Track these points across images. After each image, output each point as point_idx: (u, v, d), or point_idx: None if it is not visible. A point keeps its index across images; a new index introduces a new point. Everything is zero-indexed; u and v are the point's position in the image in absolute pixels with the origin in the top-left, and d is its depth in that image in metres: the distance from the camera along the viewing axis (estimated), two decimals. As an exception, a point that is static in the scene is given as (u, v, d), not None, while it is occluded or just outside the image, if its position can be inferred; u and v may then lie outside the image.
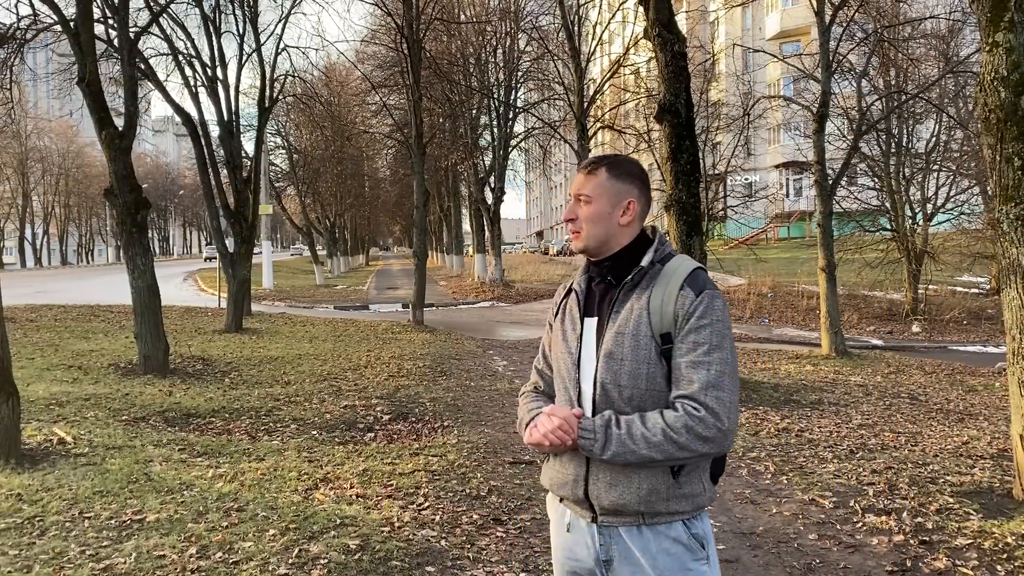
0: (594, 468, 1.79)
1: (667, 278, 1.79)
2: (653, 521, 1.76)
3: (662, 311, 1.75)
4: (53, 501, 4.38)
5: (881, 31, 13.42)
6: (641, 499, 1.74)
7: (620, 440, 1.69)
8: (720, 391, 1.69)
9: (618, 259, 1.87)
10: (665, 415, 1.69)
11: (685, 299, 1.75)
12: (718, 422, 1.67)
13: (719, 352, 1.72)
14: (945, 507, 4.59)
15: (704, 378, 1.69)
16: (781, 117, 28.66)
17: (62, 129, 59.45)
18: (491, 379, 9.63)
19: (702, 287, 1.77)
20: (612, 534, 1.79)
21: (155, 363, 9.05)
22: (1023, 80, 4.30)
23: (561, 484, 1.87)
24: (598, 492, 1.78)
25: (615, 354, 1.76)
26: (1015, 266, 4.38)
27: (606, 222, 1.85)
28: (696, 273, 1.80)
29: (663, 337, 1.75)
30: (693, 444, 1.66)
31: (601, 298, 1.87)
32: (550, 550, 3.94)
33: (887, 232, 16.94)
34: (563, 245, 53.21)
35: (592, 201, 1.85)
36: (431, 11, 16.95)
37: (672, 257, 1.85)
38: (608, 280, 1.87)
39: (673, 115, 6.89)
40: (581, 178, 1.88)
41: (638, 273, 1.81)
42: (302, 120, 31.20)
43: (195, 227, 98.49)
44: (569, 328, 1.89)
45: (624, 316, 1.79)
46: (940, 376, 10.43)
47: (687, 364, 1.71)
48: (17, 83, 15.55)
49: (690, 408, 1.68)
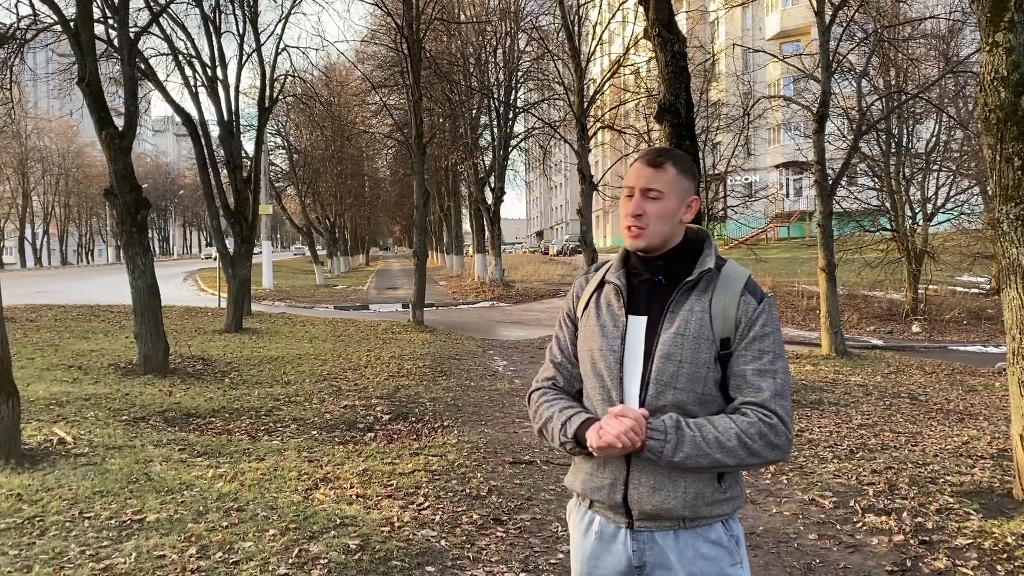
0: (635, 471, 1.74)
1: (727, 282, 1.77)
2: (693, 524, 1.74)
3: (724, 316, 1.73)
4: (53, 501, 4.38)
5: (881, 31, 13.42)
6: (687, 503, 1.72)
7: (694, 442, 1.65)
8: (785, 400, 1.70)
9: (673, 258, 1.81)
10: (737, 420, 1.67)
11: (747, 305, 1.74)
12: (788, 431, 1.68)
13: (782, 361, 1.74)
14: (945, 507, 4.59)
15: (772, 386, 1.69)
16: (781, 117, 28.66)
17: (62, 129, 59.43)
18: (491, 379, 9.63)
19: (762, 294, 1.77)
20: (647, 539, 1.75)
21: (155, 363, 9.05)
22: (1023, 80, 4.30)
23: (596, 488, 1.80)
24: (639, 496, 1.73)
25: (673, 356, 1.72)
26: (1015, 266, 4.38)
27: (672, 220, 1.79)
28: (752, 280, 1.80)
29: (723, 342, 1.73)
30: (764, 451, 1.66)
31: (648, 296, 1.80)
32: (550, 550, 3.96)
33: (887, 232, 16.93)
34: (563, 245, 53.20)
35: (662, 197, 1.78)
36: (431, 11, 16.94)
37: (725, 261, 1.82)
38: (658, 278, 1.80)
39: (673, 115, 6.89)
40: (648, 172, 1.79)
41: (700, 274, 1.77)
42: (302, 120, 31.20)
43: (195, 227, 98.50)
44: (609, 324, 1.81)
45: (683, 318, 1.74)
46: (940, 376, 10.43)
47: (754, 371, 1.71)
48: (17, 83, 15.55)
49: (763, 415, 1.67)
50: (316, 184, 35.21)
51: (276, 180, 34.91)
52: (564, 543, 4.09)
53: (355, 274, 44.65)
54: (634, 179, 1.80)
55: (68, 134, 61.77)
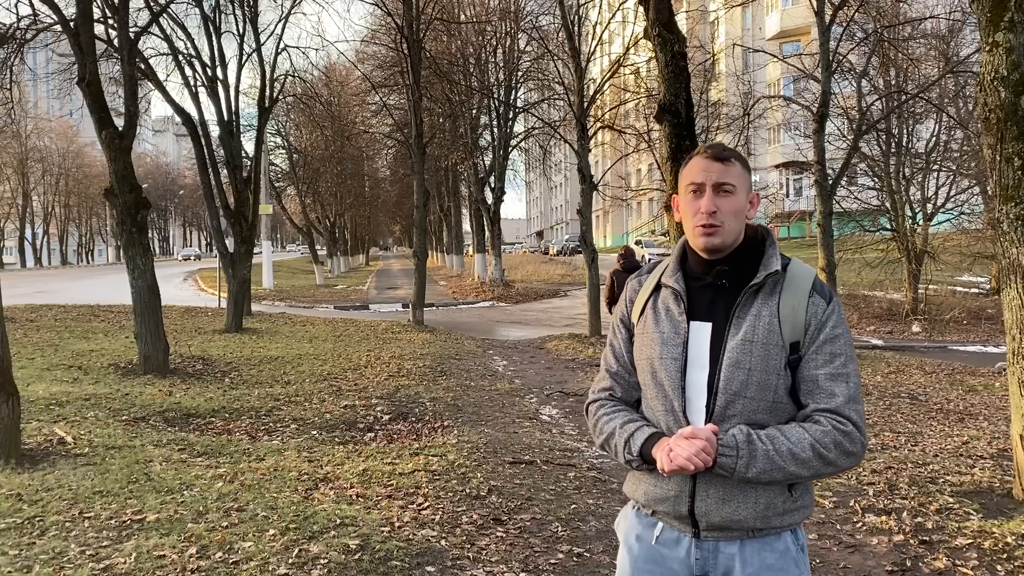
0: (702, 483, 1.67)
1: (794, 283, 1.69)
2: (762, 534, 1.68)
3: (793, 319, 1.66)
4: (53, 501, 4.38)
5: (881, 31, 13.42)
6: (758, 515, 1.65)
7: (767, 456, 1.59)
8: (859, 405, 1.65)
9: (737, 259, 1.72)
10: (809, 429, 1.61)
11: (817, 307, 1.67)
12: (862, 436, 1.63)
13: (853, 364, 1.68)
14: (945, 507, 4.59)
15: (846, 391, 1.63)
16: (781, 117, 28.63)
17: (62, 129, 59.43)
18: (491, 379, 9.63)
19: (830, 295, 1.70)
20: (711, 548, 1.69)
21: (155, 363, 9.05)
22: (1023, 80, 4.30)
23: (660, 499, 1.73)
24: (707, 508, 1.67)
25: (743, 364, 1.64)
26: (1015, 266, 4.38)
27: (742, 217, 1.72)
28: (818, 279, 1.72)
29: (792, 347, 1.66)
30: (840, 460, 1.61)
31: (711, 301, 1.72)
32: (550, 550, 3.96)
33: (887, 232, 16.93)
34: (563, 245, 53.13)
35: (735, 192, 1.70)
36: (431, 11, 16.94)
37: (789, 260, 1.74)
38: (721, 282, 1.71)
39: (673, 115, 6.89)
40: (719, 166, 1.70)
41: (767, 277, 1.68)
42: (302, 120, 31.20)
43: (195, 227, 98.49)
44: (669, 331, 1.73)
45: (751, 323, 1.66)
46: (940, 376, 10.43)
47: (826, 376, 1.64)
48: (17, 83, 15.54)
49: (837, 423, 1.61)
50: (316, 184, 35.22)
51: (276, 180, 34.92)
52: (564, 543, 4.09)
53: (355, 274, 44.65)
54: (702, 174, 1.71)
55: (68, 134, 61.77)
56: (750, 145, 26.72)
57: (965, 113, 16.72)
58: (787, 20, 38.92)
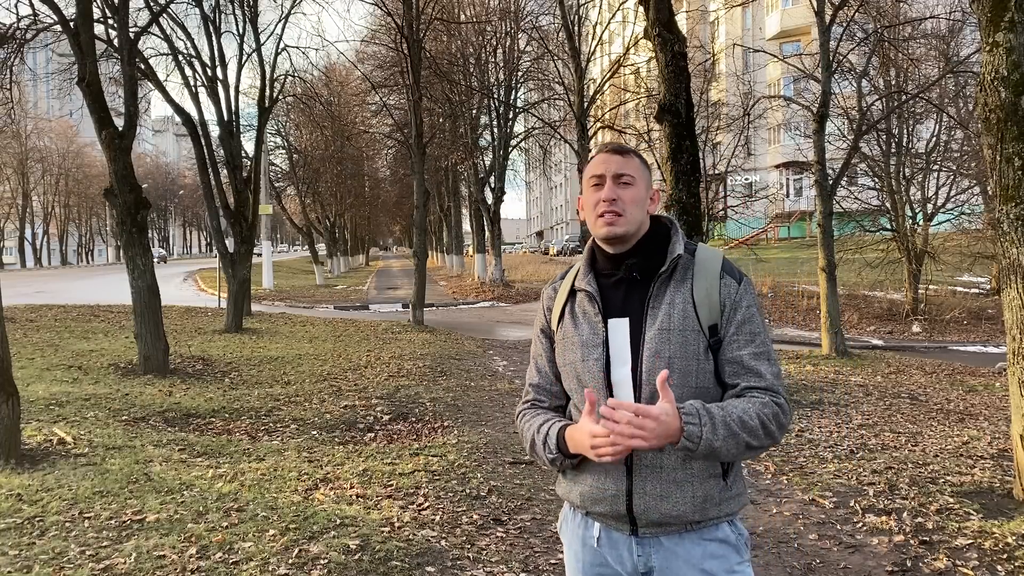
0: (639, 480, 1.66)
1: (704, 267, 1.71)
2: (700, 526, 1.68)
3: (708, 302, 1.67)
4: (53, 501, 4.38)
5: (881, 31, 13.41)
6: (696, 507, 1.66)
7: (726, 423, 1.55)
8: (781, 381, 1.68)
9: (642, 250, 1.74)
10: (750, 402, 1.61)
11: (729, 288, 1.69)
12: (790, 411, 1.66)
13: (769, 341, 1.70)
14: (945, 507, 4.59)
15: (770, 369, 1.66)
16: (781, 117, 28.65)
17: (62, 129, 59.41)
18: (491, 379, 9.63)
19: (740, 274, 1.72)
20: (652, 543, 1.69)
21: (155, 363, 9.05)
22: (1023, 80, 4.30)
23: (596, 500, 1.72)
24: (645, 506, 1.66)
25: (662, 352, 1.64)
26: (1015, 266, 4.37)
27: (643, 207, 1.74)
28: (727, 260, 1.74)
29: (711, 330, 1.67)
30: (777, 432, 1.62)
31: (625, 296, 1.73)
32: (550, 550, 3.96)
33: (887, 232, 16.93)
34: (563, 245, 53.16)
35: (634, 183, 1.73)
36: (431, 11, 16.94)
37: (696, 246, 1.76)
38: (632, 275, 1.73)
39: (673, 115, 6.89)
40: (617, 158, 1.74)
41: (673, 262, 1.70)
42: (302, 120, 31.18)
43: (195, 227, 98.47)
44: (587, 332, 1.73)
45: (666, 311, 1.67)
46: (940, 376, 10.43)
47: (750, 355, 1.66)
48: (17, 83, 15.54)
49: (772, 398, 1.62)
50: (316, 184, 35.20)
51: (276, 180, 34.92)
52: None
53: (355, 274, 44.65)
54: (602, 167, 1.74)
55: (68, 134, 61.75)
56: (750, 145, 26.74)
57: (965, 113, 16.71)
58: (787, 20, 38.92)
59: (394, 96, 24.26)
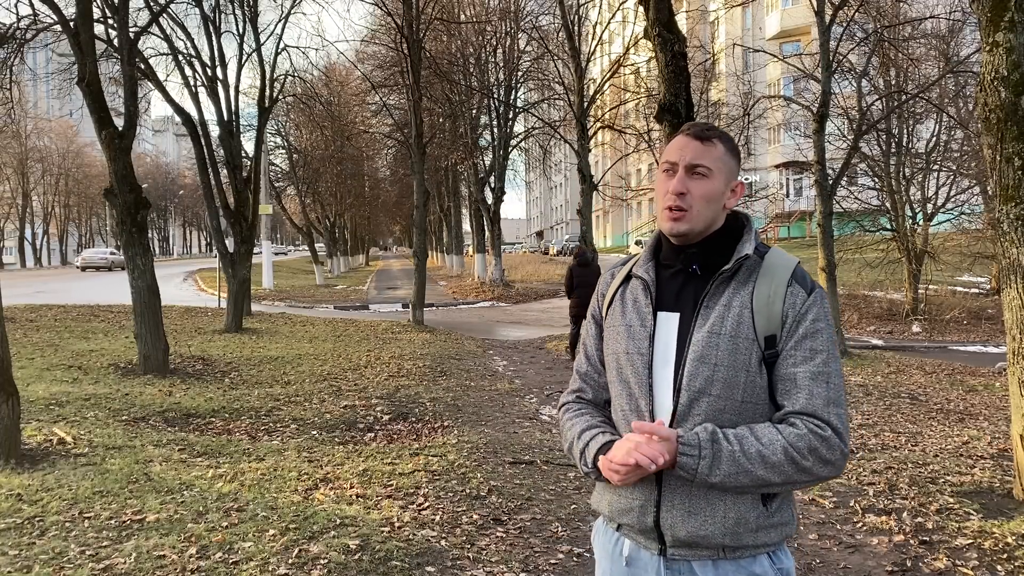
0: (668, 492, 1.52)
1: (771, 271, 1.55)
2: (735, 555, 1.52)
3: (769, 310, 1.51)
4: (53, 501, 4.38)
5: (881, 31, 13.41)
6: (727, 530, 1.50)
7: (733, 458, 1.44)
8: (841, 408, 1.48)
9: (709, 245, 1.59)
10: (783, 431, 1.45)
11: (795, 297, 1.52)
12: (843, 443, 1.46)
13: (836, 363, 1.51)
14: (945, 507, 4.59)
15: (826, 392, 1.47)
16: (781, 117, 28.65)
17: (62, 129, 59.46)
18: (491, 379, 9.63)
19: (812, 285, 1.55)
20: (682, 569, 1.54)
21: (155, 363, 9.05)
22: (1023, 80, 4.30)
23: (624, 511, 1.59)
24: (672, 521, 1.52)
25: (708, 358, 1.50)
26: (1015, 266, 4.38)
27: (717, 203, 1.58)
28: (800, 268, 1.59)
29: (768, 341, 1.51)
30: (817, 468, 1.45)
31: (680, 290, 1.59)
32: (550, 550, 3.96)
33: (887, 232, 16.93)
34: (563, 245, 53.13)
35: (710, 175, 1.56)
36: (431, 11, 16.95)
37: (769, 248, 1.61)
38: (691, 269, 1.58)
39: (673, 115, 6.89)
40: (696, 145, 1.57)
41: (738, 262, 1.55)
42: (302, 120, 31.19)
43: (195, 227, 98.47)
44: (636, 323, 1.59)
45: (719, 313, 1.52)
46: (940, 376, 10.43)
47: (805, 375, 1.48)
48: (17, 83, 15.55)
49: (814, 426, 1.45)
50: (316, 184, 35.22)
51: (276, 180, 34.92)
52: (564, 543, 4.09)
53: (355, 274, 44.65)
54: (677, 153, 1.58)
55: (68, 134, 61.80)
56: (750, 145, 26.73)
57: (965, 113, 16.71)
58: (787, 20, 38.92)
59: (394, 96, 24.27)
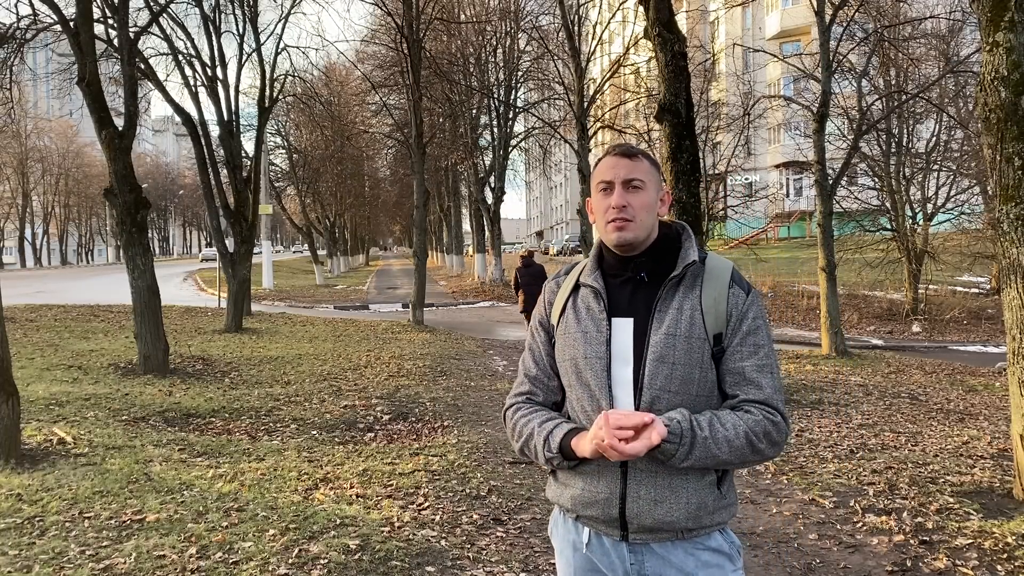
0: (633, 484, 1.65)
1: (714, 276, 1.70)
2: (692, 535, 1.67)
3: (716, 310, 1.66)
4: (53, 501, 4.38)
5: (881, 31, 13.41)
6: (689, 515, 1.64)
7: (705, 445, 1.57)
8: (782, 395, 1.67)
9: (654, 254, 1.72)
10: (743, 418, 1.61)
11: (737, 298, 1.68)
12: (787, 427, 1.65)
13: (774, 355, 1.69)
14: (945, 507, 4.59)
15: (772, 382, 1.65)
16: (781, 117, 28.67)
17: (62, 129, 59.43)
18: (491, 379, 9.63)
19: (749, 286, 1.71)
20: (644, 551, 1.67)
21: (155, 363, 9.05)
22: (1023, 80, 4.30)
23: (588, 503, 1.69)
24: (639, 510, 1.65)
25: (666, 358, 1.63)
26: (1015, 266, 4.37)
27: (654, 211, 1.72)
28: (736, 270, 1.74)
29: (715, 338, 1.66)
30: (767, 449, 1.62)
31: (631, 296, 1.71)
32: (550, 550, 3.96)
33: (887, 232, 16.94)
34: (563, 245, 53.14)
35: (644, 187, 1.70)
36: (431, 11, 16.94)
37: (707, 254, 1.76)
38: (640, 276, 1.71)
39: (673, 115, 6.89)
40: (626, 162, 1.71)
41: (685, 268, 1.69)
42: (302, 120, 31.20)
43: (195, 227, 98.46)
44: (592, 329, 1.70)
45: (673, 316, 1.66)
46: (940, 376, 10.43)
47: (752, 367, 1.65)
48: (17, 83, 15.55)
49: (768, 413, 1.62)
50: (316, 184, 35.23)
51: (276, 180, 34.93)
52: (564, 543, 4.09)
53: (355, 274, 44.65)
54: (611, 172, 1.71)
55: (68, 134, 61.77)
56: (750, 145, 26.75)
57: (965, 113, 16.71)
58: (787, 20, 38.92)
59: (394, 96, 24.27)
